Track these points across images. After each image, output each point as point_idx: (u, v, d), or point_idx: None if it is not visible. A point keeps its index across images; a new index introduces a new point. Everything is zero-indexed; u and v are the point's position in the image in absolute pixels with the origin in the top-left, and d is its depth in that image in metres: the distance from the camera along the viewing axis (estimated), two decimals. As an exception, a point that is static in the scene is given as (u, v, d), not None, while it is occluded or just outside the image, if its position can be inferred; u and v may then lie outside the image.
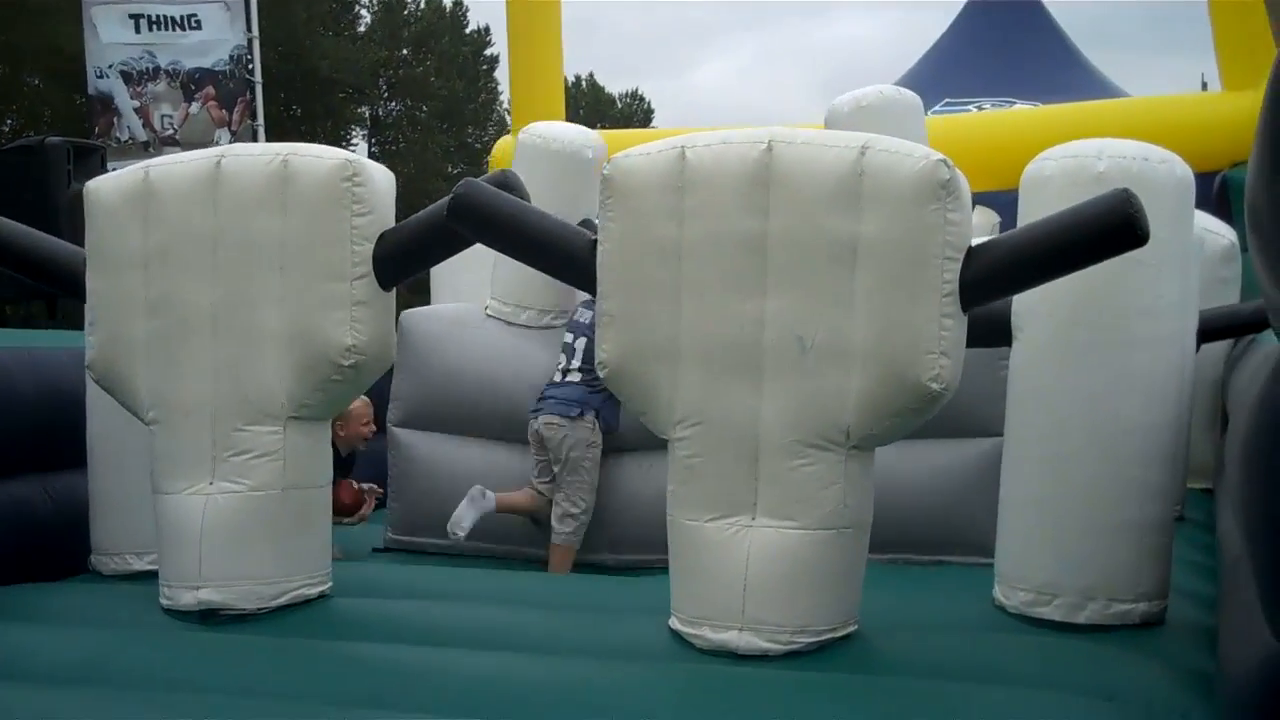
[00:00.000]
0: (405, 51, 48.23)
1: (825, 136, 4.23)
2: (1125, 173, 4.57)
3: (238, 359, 4.76)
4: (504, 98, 49.64)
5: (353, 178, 4.70)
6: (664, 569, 4.49)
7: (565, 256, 4.55)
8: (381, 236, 4.77)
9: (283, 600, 4.76)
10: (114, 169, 14.15)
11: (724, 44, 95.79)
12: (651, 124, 59.70)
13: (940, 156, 4.05)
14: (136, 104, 16.15)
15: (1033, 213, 4.61)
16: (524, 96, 14.73)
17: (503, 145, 14.84)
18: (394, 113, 48.67)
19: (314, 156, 4.77)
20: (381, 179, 4.86)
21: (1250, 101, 11.49)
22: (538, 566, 6.65)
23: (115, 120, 16.24)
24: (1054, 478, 4.72)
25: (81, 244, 5.11)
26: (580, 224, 7.01)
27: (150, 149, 15.89)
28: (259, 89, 16.48)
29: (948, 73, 16.79)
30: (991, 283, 4.10)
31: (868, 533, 4.30)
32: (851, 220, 4.05)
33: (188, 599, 4.75)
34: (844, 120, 7.42)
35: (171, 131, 16.22)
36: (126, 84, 16.03)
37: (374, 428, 6.84)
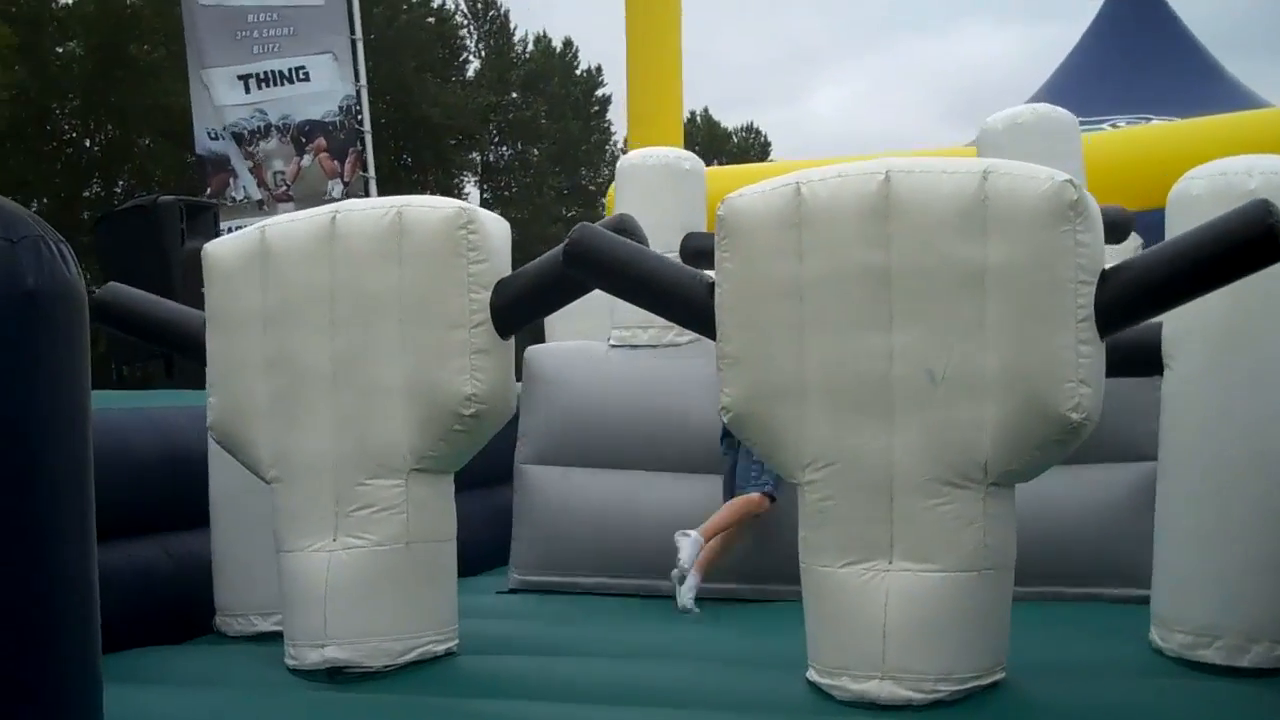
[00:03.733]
0: (515, 95, 48.94)
1: (944, 164, 4.25)
2: (1278, 190, 4.49)
3: (358, 413, 4.91)
4: (618, 137, 50.14)
5: (467, 225, 4.84)
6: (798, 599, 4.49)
7: (684, 300, 4.62)
8: (499, 284, 4.90)
9: (410, 657, 4.86)
10: (230, 228, 14.52)
11: (840, 69, 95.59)
12: (769, 157, 59.73)
13: (1066, 177, 4.06)
14: (250, 164, 16.56)
15: (1180, 231, 4.56)
16: (642, 133, 14.92)
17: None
18: (505, 157, 49.41)
19: (427, 207, 4.92)
20: (495, 227, 5.00)
21: None
22: (668, 600, 6.64)
23: (231, 180, 16.66)
24: (1214, 511, 4.65)
25: (196, 303, 5.30)
26: (685, 237, 7.30)
27: (264, 207, 16.27)
28: (369, 139, 16.79)
29: (1079, 91, 16.58)
30: (1129, 304, 4.08)
31: (1011, 573, 4.27)
32: (978, 247, 4.07)
33: (313, 657, 4.88)
34: (998, 139, 7.45)
35: (285, 188, 16.58)
36: (238, 144, 16.45)
37: None
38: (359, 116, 16.89)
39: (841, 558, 4.25)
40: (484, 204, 46.71)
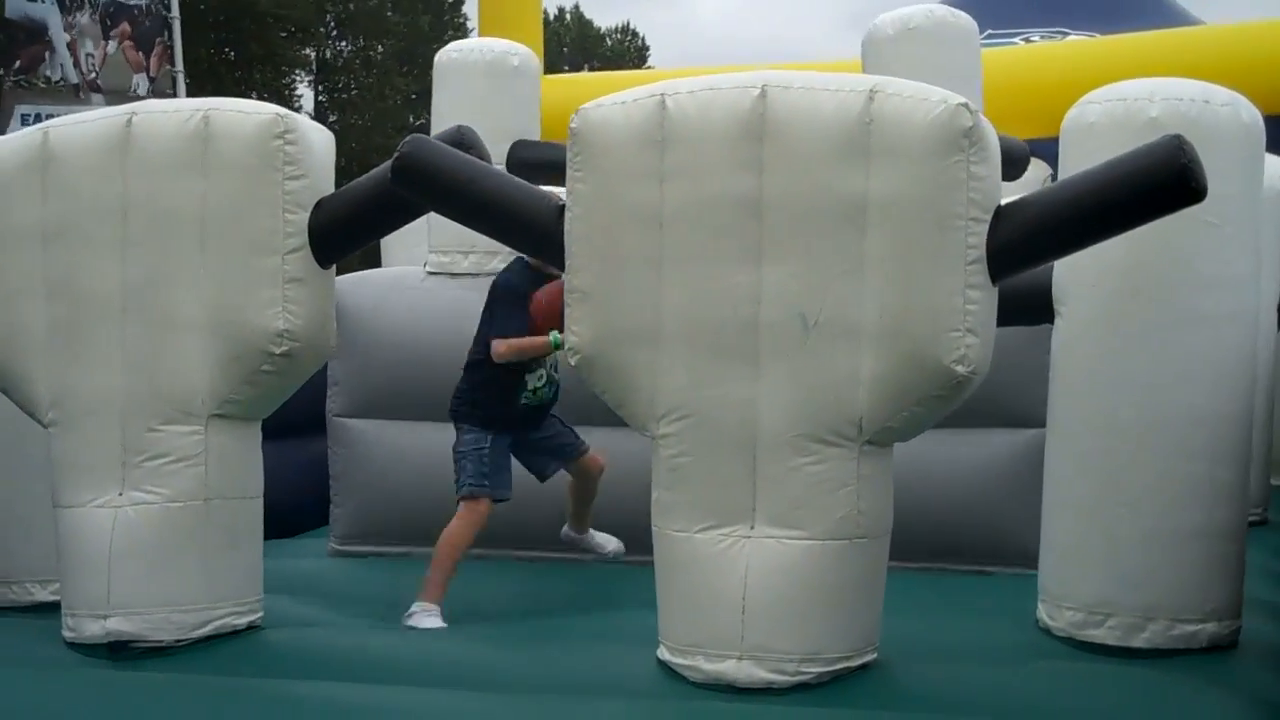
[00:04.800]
0: (357, -20, 48.11)
1: (827, 79, 4.26)
2: (1182, 118, 4.62)
3: (151, 349, 4.82)
4: (475, 34, 49.48)
5: (283, 135, 4.77)
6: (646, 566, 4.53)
7: (528, 225, 4.60)
8: (318, 204, 4.83)
9: (205, 631, 4.82)
10: (37, 116, 13.72)
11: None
12: (647, 64, 59.58)
13: (961, 100, 4.10)
14: (68, 37, 15.74)
15: (1075, 162, 4.68)
16: (495, 31, 14.71)
17: None
18: (344, 54, 48.53)
19: (239, 112, 4.83)
20: (318, 137, 4.93)
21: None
22: (502, 565, 6.65)
23: (47, 55, 15.80)
24: (1105, 478, 4.77)
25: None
26: (513, 146, 7.20)
27: (80, 94, 15.57)
28: (177, 27, 16.23)
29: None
30: (1024, 248, 4.15)
31: (887, 544, 4.35)
32: (859, 176, 4.10)
33: (94, 629, 4.80)
34: (886, 46, 7.47)
35: (94, 74, 15.87)
36: (62, 11, 15.57)
37: None
38: (166, 1, 16.36)
39: (697, 522, 4.29)
40: (319, 107, 45.96)
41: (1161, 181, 3.95)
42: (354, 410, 7.10)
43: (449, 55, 7.61)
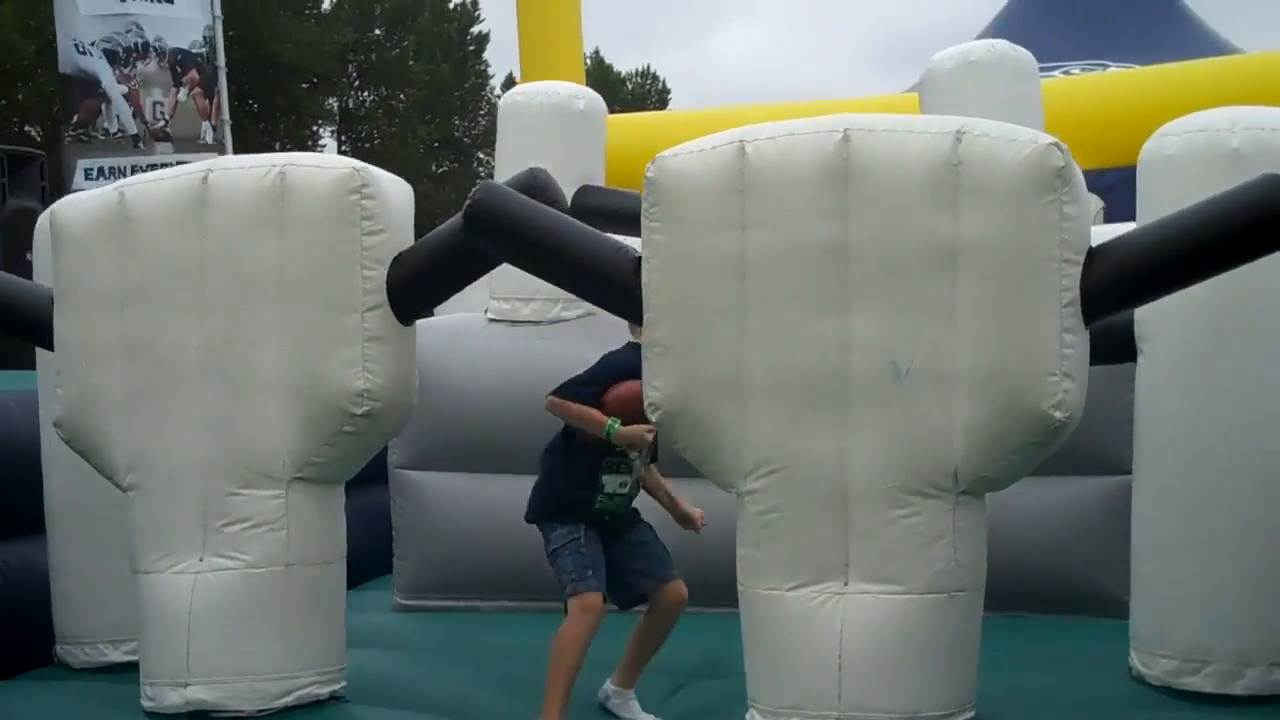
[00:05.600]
0: (378, 32, 48.20)
1: (911, 122, 4.22)
2: (1265, 147, 4.56)
3: (231, 410, 4.77)
4: (495, 82, 49.60)
5: (361, 189, 4.71)
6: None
7: (604, 278, 4.51)
8: (397, 259, 4.77)
9: (288, 701, 4.74)
10: (97, 170, 13.57)
11: (747, 5, 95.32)
12: (669, 105, 59.74)
13: (1051, 140, 4.03)
14: (124, 89, 15.71)
15: (1155, 197, 4.62)
16: (537, 73, 14.63)
17: None
18: (367, 103, 48.70)
19: (315, 167, 4.79)
20: (395, 190, 4.87)
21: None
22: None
23: (103, 108, 15.76)
24: (1197, 521, 4.70)
25: (19, 274, 5.11)
26: (578, 193, 6.90)
27: (140, 144, 15.49)
28: (223, 78, 16.17)
29: (1026, 34, 16.63)
30: (1120, 289, 4.09)
31: (982, 596, 4.26)
32: (949, 220, 4.04)
33: (174, 698, 4.74)
34: (944, 81, 7.31)
35: (163, 123, 15.76)
36: (111, 63, 15.51)
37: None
38: (214, 49, 16.38)
39: (789, 579, 4.20)
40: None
41: (1263, 221, 3.88)
42: (416, 462, 7.01)
43: (513, 98, 7.49)
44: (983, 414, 4.04)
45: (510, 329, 7.09)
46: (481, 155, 45.72)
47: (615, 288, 4.49)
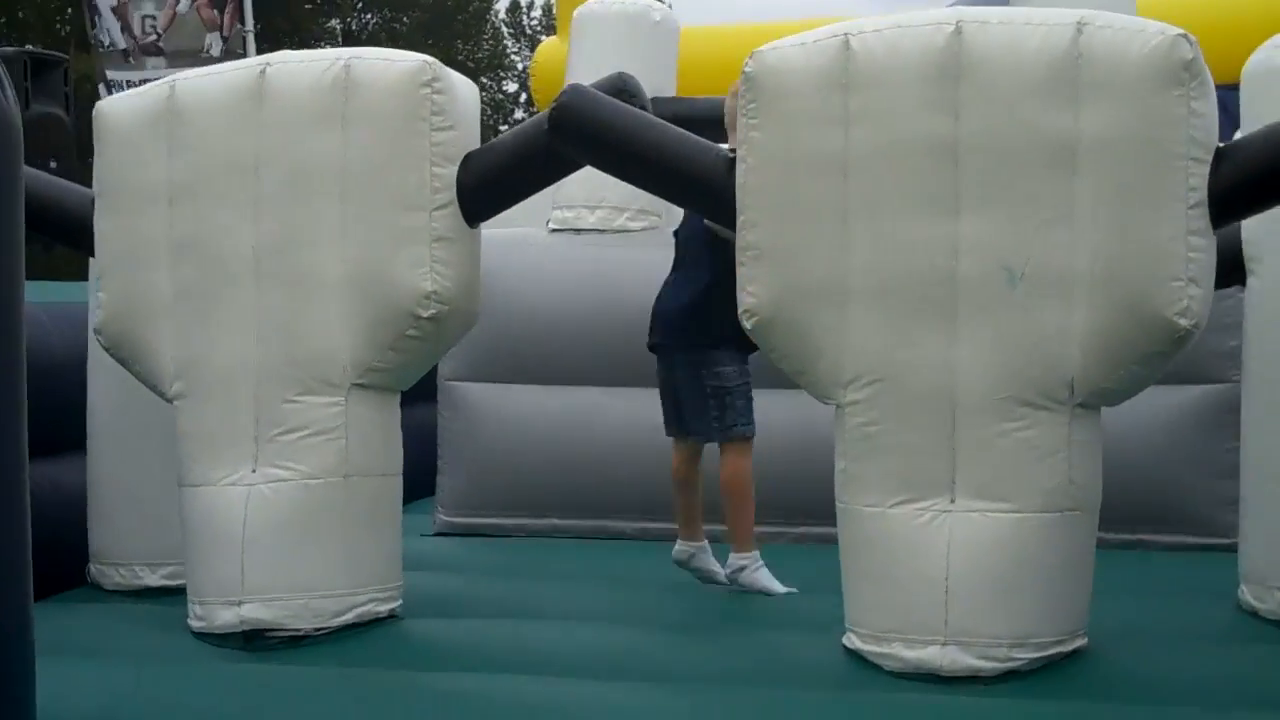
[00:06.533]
0: (382, -47, 48.21)
1: (1029, 14, 3.98)
2: None
3: (287, 314, 4.53)
4: (498, 7, 49.52)
5: (431, 83, 4.49)
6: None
7: (696, 178, 4.32)
8: (467, 158, 4.54)
9: (347, 619, 4.51)
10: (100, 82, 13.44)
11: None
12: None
13: (1179, 30, 3.80)
14: (113, 1, 15.57)
15: (1262, 112, 4.36)
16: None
17: (547, 50, 14.62)
18: (369, 25, 48.58)
19: (383, 60, 4.57)
20: (465, 89, 4.66)
21: None
22: (630, 541, 6.35)
23: (94, 20, 15.65)
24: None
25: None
26: (651, 104, 6.88)
27: (130, 58, 15.36)
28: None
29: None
30: (1250, 189, 3.87)
31: (1096, 516, 4.03)
32: (1068, 115, 3.82)
33: (227, 617, 4.51)
34: None
35: (155, 37, 15.63)
36: None
37: None
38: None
39: (891, 496, 4.00)
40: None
41: None
42: (468, 374, 6.82)
43: (589, 8, 7.42)
44: (1102, 321, 3.82)
45: (573, 238, 6.93)
46: (485, 80, 45.49)
47: (707, 188, 4.29)
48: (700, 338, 5.06)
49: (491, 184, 4.56)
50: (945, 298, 3.93)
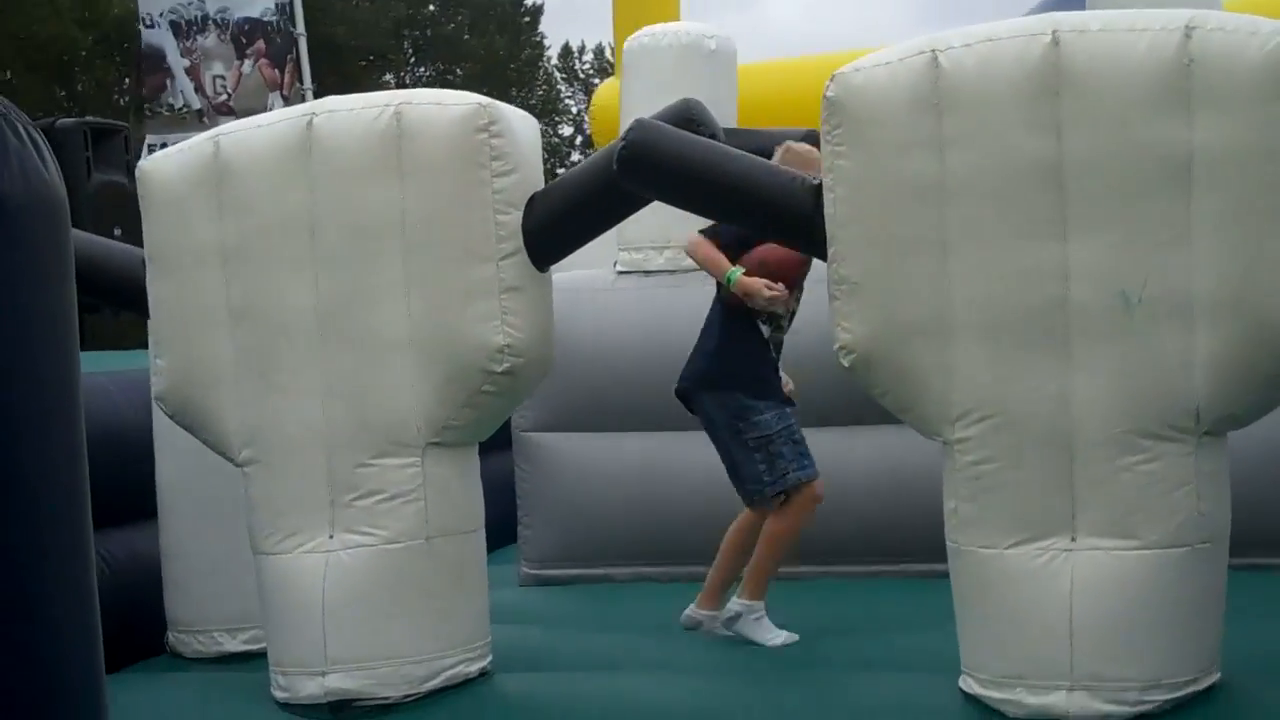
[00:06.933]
0: (432, 7, 48.18)
1: (1131, 18, 3.73)
2: None
3: (355, 375, 4.34)
4: (550, 53, 49.64)
5: (488, 126, 4.26)
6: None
7: (780, 210, 4.11)
8: (531, 201, 4.34)
9: (436, 683, 4.35)
10: (162, 145, 13.64)
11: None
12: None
13: None
14: (186, 63, 15.63)
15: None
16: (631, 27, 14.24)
17: (605, 92, 14.38)
18: (424, 79, 48.62)
19: (434, 104, 4.33)
20: (523, 126, 4.44)
21: None
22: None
23: (167, 83, 15.70)
24: None
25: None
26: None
27: (204, 119, 15.30)
28: (303, 44, 15.94)
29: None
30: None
31: (1226, 547, 3.82)
32: (1181, 128, 3.60)
33: (311, 688, 4.34)
34: None
35: (226, 96, 15.67)
36: (176, 37, 15.46)
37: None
38: (292, 17, 16.19)
39: (1008, 536, 3.81)
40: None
41: None
42: (543, 424, 6.67)
43: (639, 41, 7.10)
44: (1227, 344, 3.61)
45: (642, 280, 6.73)
46: (541, 125, 45.69)
47: (794, 220, 4.09)
48: (732, 379, 4.95)
49: (558, 227, 4.37)
50: (1057, 327, 3.72)
